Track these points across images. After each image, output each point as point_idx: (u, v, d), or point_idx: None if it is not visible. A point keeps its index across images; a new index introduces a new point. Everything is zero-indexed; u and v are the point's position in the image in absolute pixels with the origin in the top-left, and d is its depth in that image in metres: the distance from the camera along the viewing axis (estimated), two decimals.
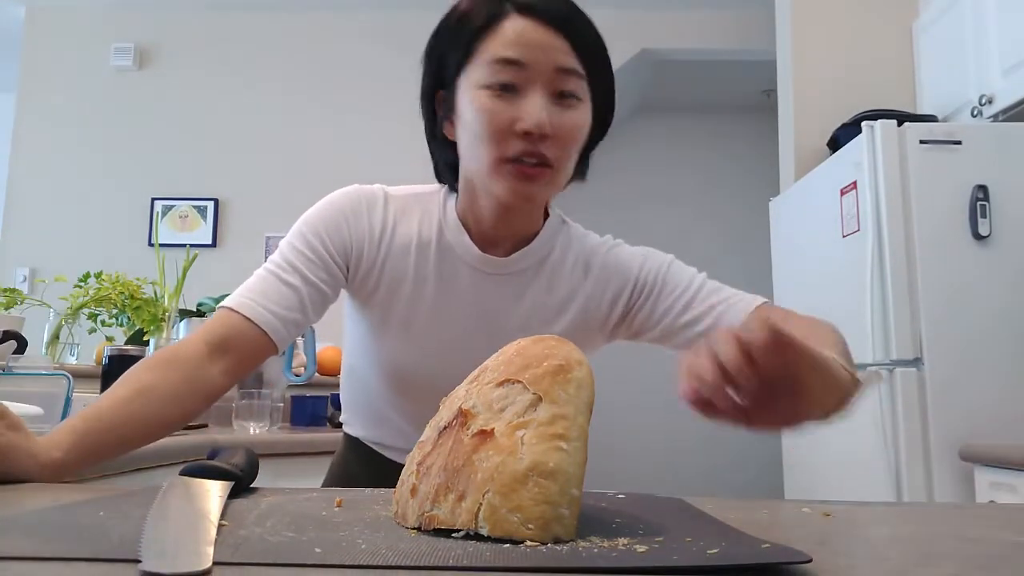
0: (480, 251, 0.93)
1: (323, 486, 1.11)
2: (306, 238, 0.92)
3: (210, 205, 4.01)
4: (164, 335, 2.15)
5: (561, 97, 0.83)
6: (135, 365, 0.84)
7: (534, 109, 0.81)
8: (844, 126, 2.65)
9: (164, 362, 0.84)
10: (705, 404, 0.55)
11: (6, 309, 1.98)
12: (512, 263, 0.94)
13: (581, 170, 0.94)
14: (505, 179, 0.84)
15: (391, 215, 0.94)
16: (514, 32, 0.82)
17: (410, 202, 0.96)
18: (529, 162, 0.83)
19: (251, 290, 0.88)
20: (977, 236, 2.15)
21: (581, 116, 0.85)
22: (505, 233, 0.93)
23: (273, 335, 0.86)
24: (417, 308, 0.94)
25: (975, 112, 2.48)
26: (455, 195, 0.95)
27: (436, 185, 0.98)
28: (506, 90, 0.82)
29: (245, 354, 0.87)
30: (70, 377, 1.38)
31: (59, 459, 0.71)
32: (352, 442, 1.07)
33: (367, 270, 0.94)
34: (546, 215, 0.98)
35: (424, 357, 0.93)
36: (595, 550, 0.40)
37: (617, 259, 0.97)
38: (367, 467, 1.03)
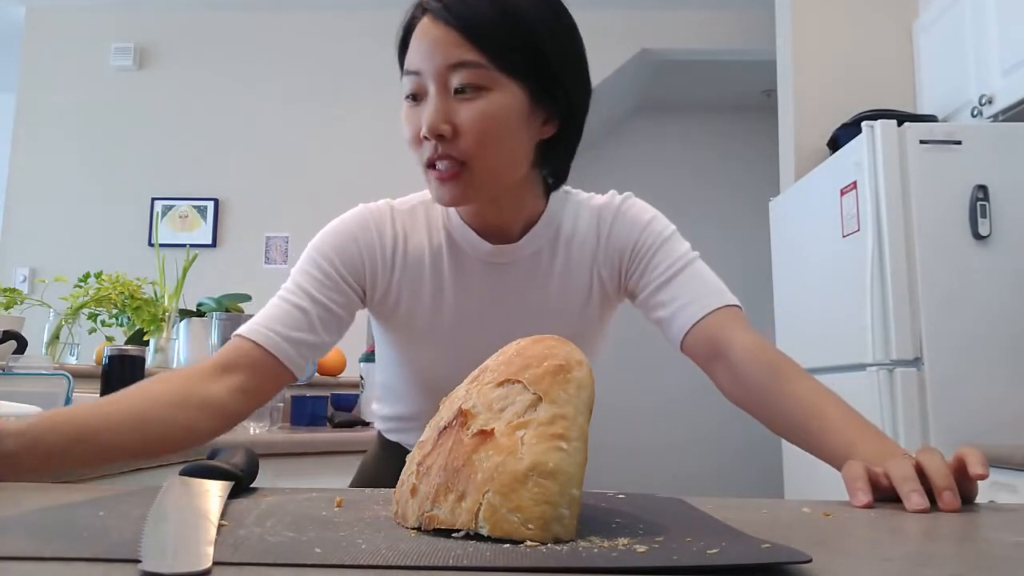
0: (491, 244, 0.93)
1: (352, 485, 1.10)
2: (316, 261, 0.92)
3: (210, 205, 4.01)
4: (164, 335, 2.15)
5: (460, 92, 0.82)
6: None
7: (425, 113, 0.82)
8: (844, 126, 2.65)
9: (163, 376, 0.84)
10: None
11: (6, 309, 1.98)
12: (523, 247, 0.93)
13: (564, 151, 0.91)
14: (431, 184, 0.86)
15: (400, 230, 0.95)
16: (416, 39, 0.83)
17: (416, 211, 0.96)
18: (442, 165, 0.83)
19: (261, 317, 0.89)
20: (977, 236, 2.15)
21: (488, 105, 0.81)
22: (502, 221, 0.92)
23: (281, 356, 0.86)
24: (440, 315, 0.94)
25: (975, 112, 2.48)
26: None
27: None
28: (415, 99, 0.84)
29: (256, 375, 0.85)
30: (70, 377, 1.38)
31: (9, 449, 0.67)
32: (391, 444, 1.07)
33: (384, 289, 0.94)
34: (548, 191, 0.96)
35: (465, 364, 0.85)
36: (595, 550, 0.40)
37: (623, 221, 0.96)
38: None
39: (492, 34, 0.81)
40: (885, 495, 0.63)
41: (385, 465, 1.06)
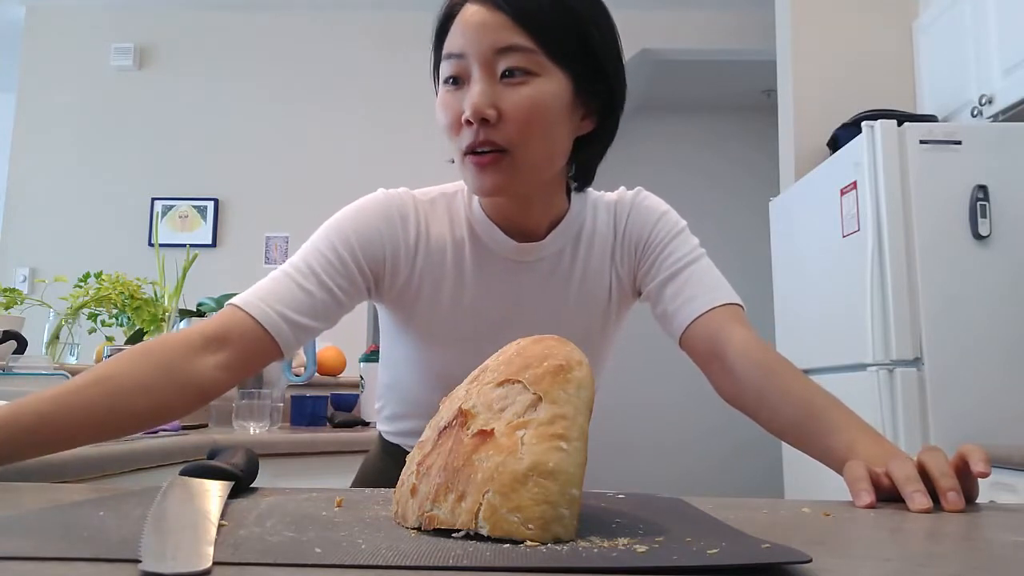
0: (516, 242, 0.91)
1: (354, 486, 1.09)
2: (333, 244, 0.88)
3: (210, 205, 4.01)
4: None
5: (507, 76, 0.79)
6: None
7: (469, 96, 0.79)
8: (844, 126, 2.65)
9: (141, 350, 0.79)
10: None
11: (6, 309, 1.97)
12: (547, 246, 0.93)
13: (599, 148, 0.91)
14: (469, 172, 0.83)
15: (423, 220, 0.92)
16: (460, 23, 0.81)
17: (438, 202, 0.94)
18: (482, 151, 0.80)
19: (262, 289, 0.85)
20: (977, 236, 2.15)
21: (534, 91, 0.80)
22: (530, 220, 0.91)
23: (277, 337, 0.82)
24: (459, 311, 0.92)
25: (975, 112, 2.48)
26: None
27: (458, 182, 0.96)
28: (455, 83, 0.81)
29: (245, 351, 0.82)
30: (70, 377, 1.38)
31: None
32: (393, 448, 1.06)
33: (406, 277, 0.92)
34: (569, 191, 0.95)
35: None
36: (595, 550, 0.40)
37: (638, 214, 0.97)
38: None
39: (542, 19, 0.80)
40: (886, 495, 0.63)
41: (387, 467, 1.06)
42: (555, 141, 0.85)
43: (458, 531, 0.44)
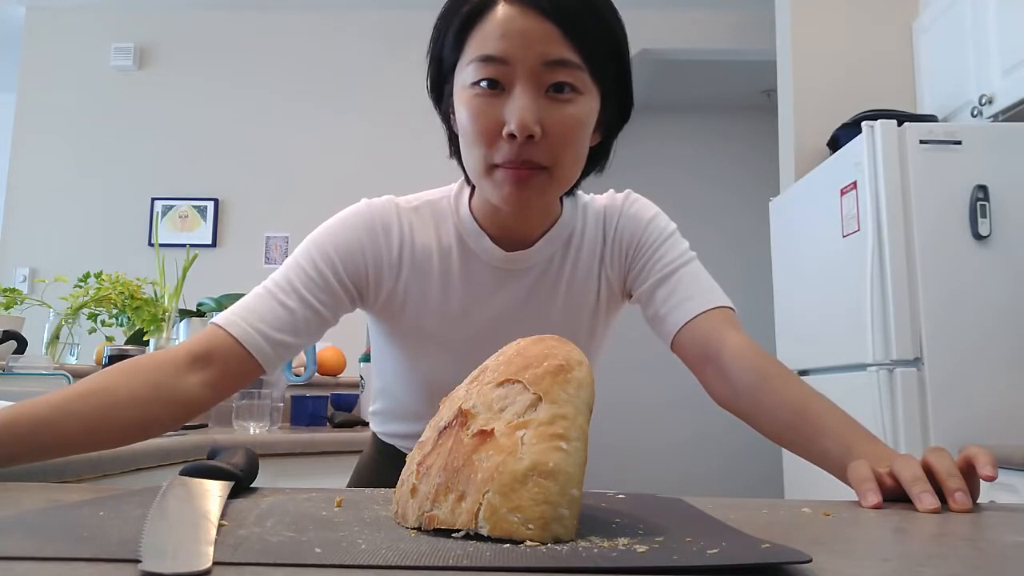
0: (504, 251, 0.91)
1: (349, 486, 1.09)
2: (313, 259, 0.88)
3: (210, 205, 4.01)
4: (164, 335, 2.15)
5: (553, 91, 0.77)
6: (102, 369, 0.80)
7: (517, 109, 0.75)
8: (844, 126, 2.65)
9: (131, 365, 0.79)
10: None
11: (6, 309, 1.97)
12: (536, 253, 0.92)
13: (600, 161, 0.91)
14: (497, 185, 0.80)
15: (407, 229, 0.91)
16: (498, 25, 0.76)
17: (423, 210, 0.93)
18: (519, 165, 0.78)
19: (244, 308, 0.85)
20: (977, 236, 2.14)
21: (578, 110, 0.78)
22: (526, 228, 0.91)
23: (259, 356, 0.83)
24: (447, 319, 0.92)
25: (975, 112, 2.48)
26: (467, 197, 0.92)
27: (444, 188, 0.96)
28: (492, 88, 0.77)
29: (228, 370, 0.82)
30: (70, 377, 1.38)
31: None
32: (386, 448, 1.06)
33: (390, 290, 0.91)
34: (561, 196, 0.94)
35: (471, 370, 0.84)
36: (595, 550, 0.40)
37: (627, 218, 0.96)
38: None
39: (589, 34, 0.77)
40: (889, 495, 0.63)
41: (381, 467, 1.06)
42: (584, 157, 0.84)
43: (458, 531, 0.44)
